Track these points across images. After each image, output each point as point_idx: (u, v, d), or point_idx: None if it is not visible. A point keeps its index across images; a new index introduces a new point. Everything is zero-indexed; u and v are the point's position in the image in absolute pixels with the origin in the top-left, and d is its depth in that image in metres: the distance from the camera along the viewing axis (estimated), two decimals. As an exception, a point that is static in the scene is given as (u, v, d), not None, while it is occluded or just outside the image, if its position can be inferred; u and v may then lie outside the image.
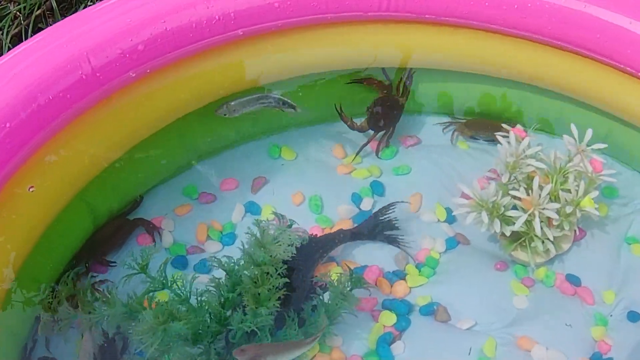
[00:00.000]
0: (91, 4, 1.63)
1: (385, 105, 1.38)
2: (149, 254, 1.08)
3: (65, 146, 1.16)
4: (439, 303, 1.23)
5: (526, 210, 1.22)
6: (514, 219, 1.23)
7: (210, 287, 1.10)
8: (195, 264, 1.27)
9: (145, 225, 1.30)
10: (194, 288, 1.10)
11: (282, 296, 1.07)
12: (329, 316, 1.13)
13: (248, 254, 1.05)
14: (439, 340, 1.19)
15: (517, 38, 1.27)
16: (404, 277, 1.26)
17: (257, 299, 1.04)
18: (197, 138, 1.37)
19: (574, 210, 1.24)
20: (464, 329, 1.20)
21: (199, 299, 1.10)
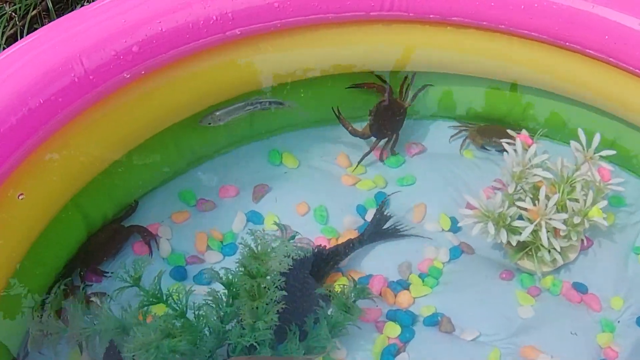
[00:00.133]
0: (87, 4, 1.60)
1: (387, 110, 1.35)
2: (143, 266, 1.04)
3: (56, 150, 1.13)
4: (443, 314, 1.21)
5: (532, 221, 1.20)
6: (520, 229, 1.21)
7: (208, 300, 1.06)
8: (194, 274, 1.24)
9: (141, 233, 1.26)
10: (193, 301, 1.07)
11: (282, 309, 1.04)
12: (332, 329, 1.11)
13: (243, 266, 1.01)
14: (443, 352, 1.17)
15: (524, 38, 1.25)
16: (407, 287, 1.24)
17: (255, 313, 1.01)
18: (193, 141, 1.34)
19: (582, 221, 1.21)
20: (469, 340, 1.19)
21: (196, 312, 1.06)
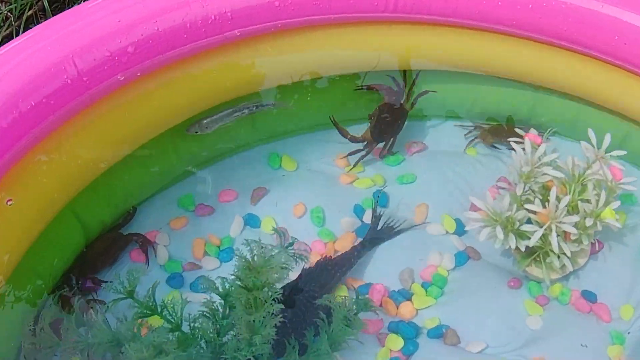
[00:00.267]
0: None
1: (390, 114, 1.31)
2: (137, 277, 1.01)
3: (48, 154, 1.10)
4: (448, 326, 1.17)
5: (542, 224, 1.16)
6: (529, 233, 1.16)
7: (204, 312, 1.03)
8: (191, 282, 1.21)
9: (139, 240, 1.24)
10: (188, 313, 1.04)
11: (280, 323, 1.01)
12: (332, 343, 1.07)
13: (238, 279, 0.98)
14: (448, 365, 1.13)
15: (529, 39, 1.22)
16: (409, 298, 1.21)
17: (251, 327, 0.98)
18: (192, 145, 1.31)
19: (594, 223, 1.17)
20: (475, 353, 1.15)
21: (192, 325, 1.03)
